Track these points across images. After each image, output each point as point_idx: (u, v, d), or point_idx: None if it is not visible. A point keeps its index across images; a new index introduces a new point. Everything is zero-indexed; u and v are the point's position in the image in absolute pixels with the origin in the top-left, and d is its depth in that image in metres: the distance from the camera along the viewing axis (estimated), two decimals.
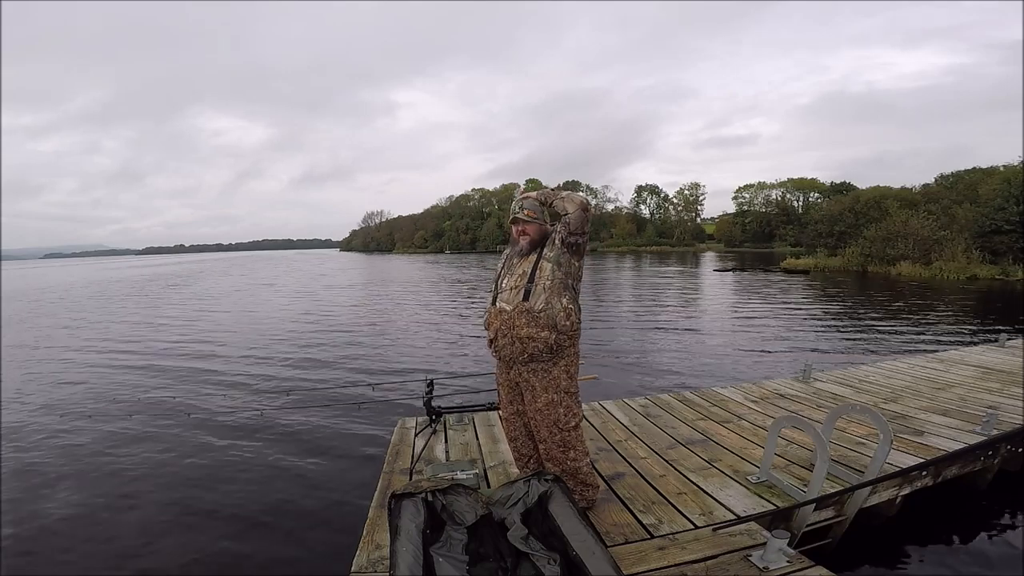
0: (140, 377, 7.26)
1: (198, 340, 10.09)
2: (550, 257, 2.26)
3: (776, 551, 1.95)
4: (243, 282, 28.40)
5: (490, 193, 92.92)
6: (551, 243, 2.30)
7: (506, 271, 2.40)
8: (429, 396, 3.48)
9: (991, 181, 25.07)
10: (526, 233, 2.33)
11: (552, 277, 2.24)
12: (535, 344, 2.22)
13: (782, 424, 2.62)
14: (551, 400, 2.28)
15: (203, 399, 6.06)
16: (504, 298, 2.31)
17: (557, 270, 2.25)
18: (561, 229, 2.25)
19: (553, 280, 2.24)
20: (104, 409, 5.69)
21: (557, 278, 2.24)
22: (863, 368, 5.04)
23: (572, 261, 2.28)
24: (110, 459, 4.38)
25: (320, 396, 5.72)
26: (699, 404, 4.00)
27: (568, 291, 2.27)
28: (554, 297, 2.22)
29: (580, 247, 2.29)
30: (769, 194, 71.29)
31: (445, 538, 1.77)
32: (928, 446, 3.00)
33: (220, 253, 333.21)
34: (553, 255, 2.26)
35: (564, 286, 2.25)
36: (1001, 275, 19.31)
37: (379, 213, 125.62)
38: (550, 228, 2.37)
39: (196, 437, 4.79)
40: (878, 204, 29.05)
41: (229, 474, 4.01)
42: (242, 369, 7.54)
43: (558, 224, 2.30)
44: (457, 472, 2.62)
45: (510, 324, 2.25)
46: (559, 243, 2.26)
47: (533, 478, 2.02)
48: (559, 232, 2.26)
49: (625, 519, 2.34)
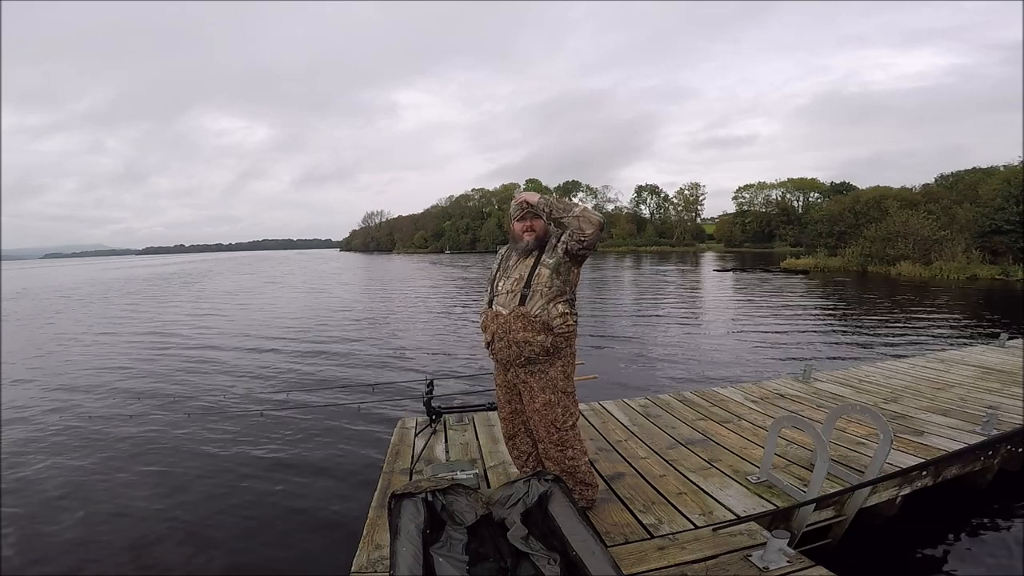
0: (139, 376, 7.25)
1: (198, 341, 10.09)
2: (549, 264, 2.23)
3: (776, 551, 1.95)
4: (252, 281, 28.70)
5: (490, 193, 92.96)
6: (551, 249, 2.26)
7: (502, 273, 2.37)
8: (429, 396, 3.48)
9: (991, 181, 25.07)
10: (533, 229, 2.28)
11: (550, 284, 2.21)
12: (531, 347, 2.21)
13: (782, 424, 2.62)
14: (548, 400, 2.28)
15: (203, 399, 6.06)
16: (500, 301, 2.30)
17: (556, 278, 2.22)
18: (567, 239, 2.19)
19: (551, 287, 2.21)
20: (105, 409, 5.70)
21: (555, 285, 2.22)
22: (863, 368, 5.04)
23: (572, 269, 2.27)
24: (110, 460, 4.38)
25: (320, 396, 5.73)
26: (699, 404, 3.99)
27: (565, 297, 2.25)
28: (550, 303, 2.21)
29: (585, 258, 2.28)
30: (769, 194, 71.24)
31: (445, 538, 1.77)
32: (928, 446, 3.00)
33: (220, 253, 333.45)
34: (553, 262, 2.23)
35: (561, 292, 2.24)
36: (1001, 275, 19.30)
37: (379, 213, 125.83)
38: (550, 227, 2.33)
39: (195, 436, 4.79)
40: (878, 204, 29.06)
41: (229, 474, 4.01)
42: (242, 369, 7.54)
43: (561, 230, 2.25)
44: (457, 472, 2.61)
45: (506, 328, 2.24)
46: (563, 252, 2.22)
47: (533, 478, 2.02)
48: (565, 242, 2.21)
49: (625, 519, 2.34)
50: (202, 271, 44.19)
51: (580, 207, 2.18)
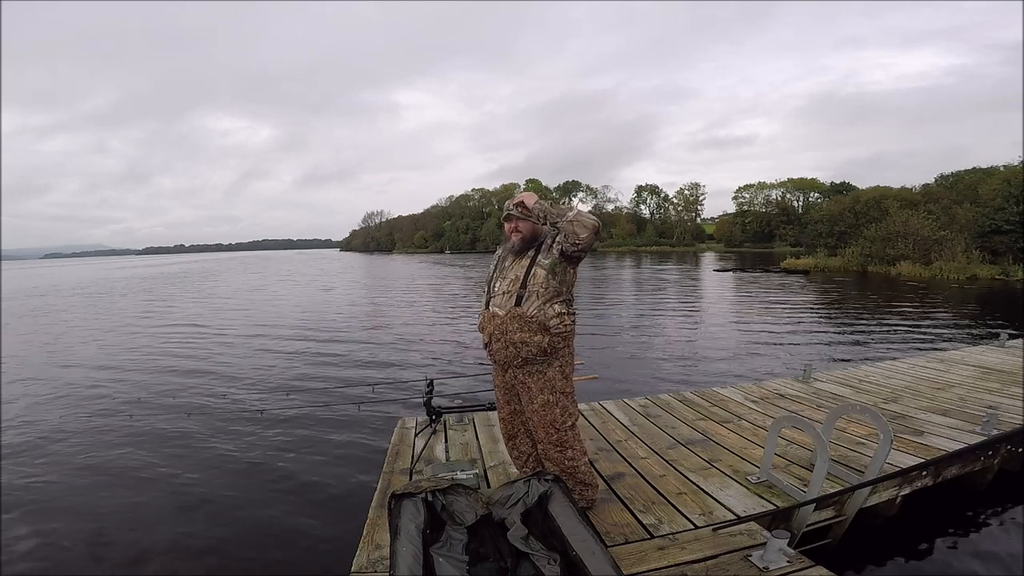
0: (138, 375, 7.26)
1: (197, 339, 10.10)
2: (545, 264, 2.24)
3: (776, 551, 1.96)
4: (262, 280, 29.11)
5: (490, 193, 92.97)
6: (547, 249, 2.26)
7: (498, 274, 2.38)
8: (429, 396, 3.48)
9: (991, 181, 25.09)
10: (518, 230, 2.30)
11: (546, 284, 2.22)
12: (528, 348, 2.22)
13: (782, 424, 2.62)
14: (547, 401, 2.29)
15: (203, 399, 6.06)
16: (497, 303, 2.31)
17: (552, 278, 2.22)
18: (562, 240, 2.18)
19: (547, 287, 2.22)
20: (104, 409, 5.70)
21: (552, 286, 2.22)
22: (863, 368, 5.04)
23: (568, 270, 2.27)
24: (109, 458, 4.38)
25: (320, 396, 5.72)
26: (699, 404, 3.99)
27: (562, 297, 2.25)
28: (547, 303, 2.21)
29: (580, 259, 2.27)
30: (769, 194, 71.24)
31: (445, 538, 1.77)
32: (928, 446, 3.00)
33: (220, 253, 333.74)
34: (548, 263, 2.23)
35: (558, 292, 2.24)
36: (1001, 275, 19.30)
37: (379, 213, 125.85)
38: (543, 228, 2.32)
39: (195, 436, 4.78)
40: (878, 204, 29.04)
41: (228, 474, 4.01)
42: (242, 368, 7.53)
43: (556, 231, 2.24)
44: (457, 472, 2.61)
45: (503, 329, 2.25)
46: (558, 253, 2.22)
47: (533, 478, 2.02)
48: (560, 243, 2.20)
49: (625, 519, 2.34)
50: (210, 270, 44.34)
51: (574, 211, 2.16)
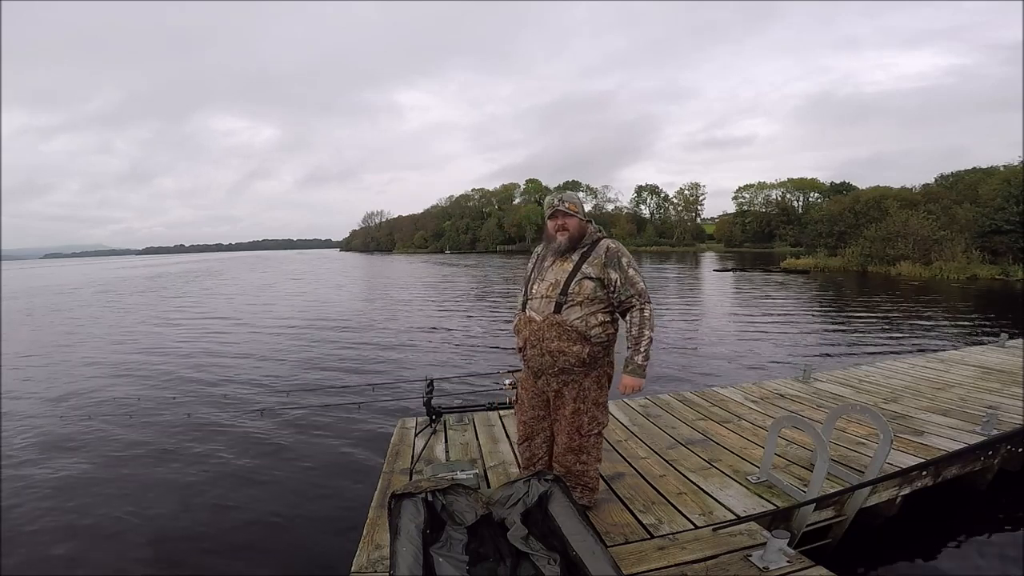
0: (139, 375, 7.26)
1: (197, 339, 10.09)
2: (592, 276, 2.12)
3: (776, 551, 1.96)
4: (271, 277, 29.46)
5: (490, 193, 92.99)
6: (600, 267, 2.13)
7: (537, 275, 2.25)
8: (429, 396, 3.48)
9: (991, 181, 25.09)
10: (565, 228, 2.16)
11: (593, 296, 2.11)
12: (567, 358, 2.13)
13: (782, 424, 2.62)
14: (577, 409, 2.22)
15: (203, 399, 6.05)
16: (534, 307, 2.19)
17: (599, 289, 2.12)
18: (621, 301, 2.12)
19: (594, 299, 2.11)
20: (105, 408, 5.69)
21: (599, 297, 2.12)
22: (863, 368, 5.04)
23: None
24: (109, 458, 4.38)
25: (320, 396, 5.72)
26: (699, 404, 3.99)
27: (606, 306, 2.15)
28: (591, 313, 2.11)
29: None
30: (769, 194, 71.17)
31: (445, 538, 1.77)
32: (928, 446, 3.00)
33: (220, 253, 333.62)
34: (596, 275, 2.12)
35: (604, 302, 2.14)
36: (1001, 275, 19.31)
37: (379, 213, 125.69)
38: (590, 226, 2.22)
39: (195, 437, 4.78)
40: (878, 204, 29.06)
41: (228, 474, 4.00)
42: (242, 368, 7.53)
43: (605, 238, 2.19)
44: (457, 472, 2.61)
45: (540, 336, 2.15)
46: (610, 284, 2.12)
47: (533, 478, 2.02)
48: (619, 294, 2.12)
49: (625, 519, 2.34)
50: (215, 269, 44.32)
51: (647, 337, 2.14)
